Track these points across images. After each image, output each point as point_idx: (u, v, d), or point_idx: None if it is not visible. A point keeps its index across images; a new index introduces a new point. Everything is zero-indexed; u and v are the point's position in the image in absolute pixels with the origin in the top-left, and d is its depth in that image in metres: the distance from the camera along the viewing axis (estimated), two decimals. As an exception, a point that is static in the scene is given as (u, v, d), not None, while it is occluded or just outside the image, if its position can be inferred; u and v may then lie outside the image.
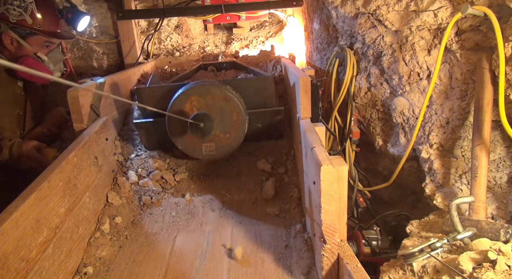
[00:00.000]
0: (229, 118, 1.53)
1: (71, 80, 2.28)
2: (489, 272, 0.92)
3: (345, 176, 1.01)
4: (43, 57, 1.84)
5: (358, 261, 0.97)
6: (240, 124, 1.54)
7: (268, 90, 1.63)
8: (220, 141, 1.55)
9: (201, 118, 1.41)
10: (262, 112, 1.64)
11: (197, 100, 1.50)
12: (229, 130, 1.54)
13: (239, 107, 1.52)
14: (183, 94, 1.51)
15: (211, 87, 1.50)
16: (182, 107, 1.51)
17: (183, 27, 2.81)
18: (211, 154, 1.57)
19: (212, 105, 1.50)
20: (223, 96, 1.50)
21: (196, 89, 1.51)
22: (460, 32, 1.38)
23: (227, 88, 1.53)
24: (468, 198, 1.10)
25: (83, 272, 1.17)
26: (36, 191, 0.99)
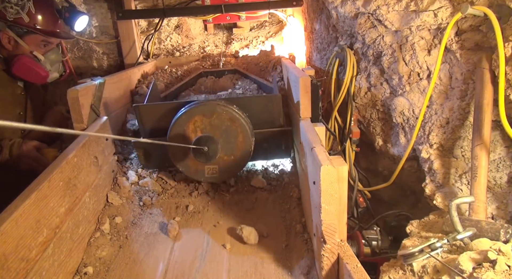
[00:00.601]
0: (234, 140, 1.45)
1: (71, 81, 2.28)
2: (489, 272, 0.92)
3: (345, 176, 1.01)
4: (40, 56, 1.82)
5: (358, 261, 0.97)
6: (245, 147, 1.47)
7: (276, 108, 1.56)
8: (224, 163, 1.49)
9: (205, 141, 1.33)
10: (269, 133, 1.58)
11: (201, 120, 1.42)
12: (234, 153, 1.47)
13: (245, 128, 1.44)
14: (185, 114, 1.42)
15: (216, 107, 1.42)
16: (184, 127, 1.43)
17: (183, 27, 2.81)
18: (214, 177, 1.51)
19: (217, 126, 1.43)
20: (229, 117, 1.42)
21: (200, 109, 1.42)
22: (460, 32, 1.38)
23: (233, 108, 1.45)
24: (468, 198, 1.10)
25: (83, 272, 1.17)
26: (36, 191, 0.99)
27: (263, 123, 1.56)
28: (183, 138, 1.42)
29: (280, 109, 1.56)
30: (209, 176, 1.50)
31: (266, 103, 1.54)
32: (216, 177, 1.50)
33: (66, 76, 2.07)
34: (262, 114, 1.54)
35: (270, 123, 1.57)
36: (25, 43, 1.78)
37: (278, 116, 1.57)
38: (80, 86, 1.49)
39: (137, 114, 1.53)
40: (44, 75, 1.83)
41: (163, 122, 1.50)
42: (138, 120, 1.54)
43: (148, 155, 1.59)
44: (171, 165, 1.55)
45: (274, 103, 1.54)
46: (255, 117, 1.53)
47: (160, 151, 1.53)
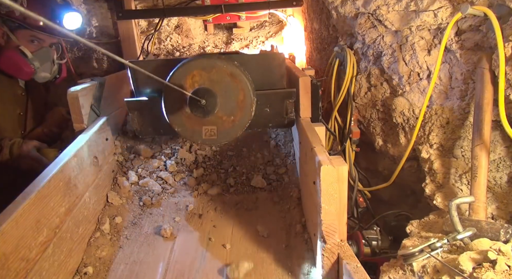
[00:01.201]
0: (234, 98, 1.34)
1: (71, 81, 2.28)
2: (489, 272, 0.92)
3: (345, 176, 1.01)
4: (27, 52, 1.77)
5: (358, 261, 0.97)
6: (246, 106, 1.35)
7: (278, 69, 1.44)
8: (223, 124, 1.37)
9: (203, 94, 1.22)
10: (271, 94, 1.45)
11: (199, 75, 1.31)
12: (234, 113, 1.35)
13: (247, 85, 1.33)
14: (183, 67, 1.32)
15: (216, 61, 1.31)
16: (181, 82, 1.31)
17: (183, 27, 2.81)
18: (212, 139, 1.39)
19: (217, 81, 1.31)
20: (230, 72, 1.31)
21: (199, 63, 1.31)
22: (460, 32, 1.38)
23: (235, 63, 1.34)
24: (468, 198, 1.10)
25: (83, 272, 1.17)
26: (36, 191, 0.99)
27: (265, 84, 1.45)
28: (179, 96, 1.29)
29: (283, 70, 1.46)
30: (207, 137, 1.39)
31: (269, 62, 1.44)
32: (214, 139, 1.39)
33: (61, 79, 2.02)
34: (264, 74, 1.44)
35: (272, 85, 1.46)
36: (16, 38, 1.76)
37: (281, 77, 1.47)
38: (80, 86, 1.49)
39: (131, 73, 1.45)
40: (27, 71, 1.78)
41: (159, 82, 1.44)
42: (132, 79, 1.45)
43: (143, 118, 1.49)
44: (166, 131, 1.48)
45: (277, 62, 1.44)
46: (256, 77, 1.42)
47: (155, 113, 1.44)
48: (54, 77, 1.98)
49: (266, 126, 1.51)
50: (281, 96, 1.45)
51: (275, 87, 1.46)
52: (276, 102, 1.45)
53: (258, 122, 1.45)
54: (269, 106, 1.45)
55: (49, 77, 1.91)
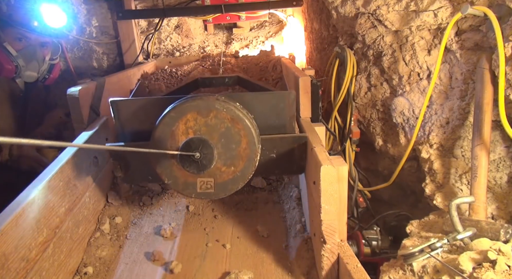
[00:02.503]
0: (235, 146, 1.14)
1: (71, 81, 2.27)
2: (489, 272, 0.92)
3: (345, 176, 1.01)
4: (11, 49, 1.75)
5: (358, 261, 0.97)
6: (250, 155, 1.15)
7: (288, 110, 1.26)
8: (221, 176, 1.16)
9: (197, 145, 1.06)
10: (279, 139, 1.26)
11: (194, 119, 1.11)
12: (235, 163, 1.15)
13: (251, 132, 1.13)
14: (175, 110, 1.10)
15: (215, 103, 1.11)
16: (173, 128, 1.11)
17: (183, 27, 2.81)
18: (208, 193, 1.18)
19: (215, 127, 1.12)
20: (231, 116, 1.11)
21: (194, 105, 1.11)
22: (460, 32, 1.38)
23: (236, 105, 1.16)
24: (468, 198, 1.10)
25: (83, 272, 1.17)
26: (36, 191, 0.99)
27: (272, 128, 1.27)
28: (170, 142, 1.11)
29: (293, 111, 1.27)
30: (202, 191, 1.17)
31: (277, 103, 1.26)
32: (211, 193, 1.18)
33: (52, 79, 1.99)
34: (271, 116, 1.26)
35: (280, 128, 1.28)
36: (3, 35, 1.74)
37: (291, 119, 1.28)
38: (80, 86, 1.49)
39: (114, 113, 1.24)
40: (8, 68, 1.76)
41: (147, 123, 1.19)
42: (116, 120, 1.25)
43: (127, 165, 1.27)
44: (155, 178, 1.26)
45: (287, 103, 1.26)
46: (262, 119, 1.25)
47: (142, 159, 1.22)
48: (44, 77, 1.94)
49: (271, 173, 1.33)
50: (290, 141, 1.26)
51: (283, 131, 1.28)
52: (284, 148, 1.27)
53: (262, 169, 1.25)
54: (276, 152, 1.27)
55: (36, 77, 1.88)
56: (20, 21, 1.76)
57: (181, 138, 1.10)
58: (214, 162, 1.09)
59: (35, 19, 1.80)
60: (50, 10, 1.90)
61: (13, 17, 1.73)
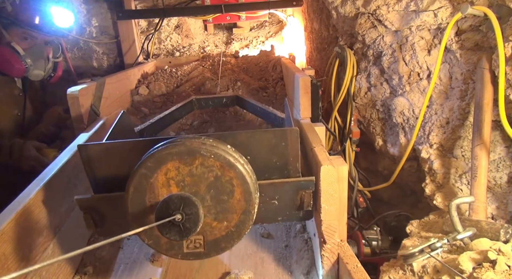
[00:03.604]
0: (228, 197, 0.95)
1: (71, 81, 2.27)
2: (489, 272, 0.92)
3: (345, 176, 1.01)
4: (19, 49, 1.75)
5: (358, 261, 0.97)
6: (245, 208, 0.96)
7: (291, 149, 1.04)
8: (212, 233, 0.97)
9: (177, 205, 0.86)
10: (282, 185, 1.05)
11: (176, 169, 0.93)
12: (228, 217, 0.96)
13: (245, 180, 0.94)
14: (152, 159, 0.92)
15: (200, 148, 0.92)
16: (151, 180, 0.92)
17: (183, 27, 2.81)
18: (197, 252, 0.99)
19: (201, 177, 0.93)
20: (220, 163, 0.92)
21: (174, 152, 0.91)
22: (460, 32, 1.38)
23: (227, 149, 0.95)
24: (468, 198, 1.10)
25: (83, 272, 1.17)
26: (36, 191, 0.99)
27: (272, 170, 1.06)
28: (149, 197, 0.93)
29: (297, 150, 1.05)
30: (190, 251, 0.99)
31: (277, 142, 1.03)
32: (200, 252, 0.99)
33: (57, 77, 2.00)
34: (270, 157, 1.04)
35: (281, 170, 1.06)
36: (8, 34, 1.75)
37: (294, 160, 1.05)
38: (80, 86, 1.49)
39: (84, 159, 1.03)
40: (18, 67, 1.76)
41: (124, 169, 0.99)
42: (86, 167, 1.04)
43: (102, 219, 1.06)
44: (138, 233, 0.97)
45: (289, 141, 1.03)
46: (261, 161, 1.04)
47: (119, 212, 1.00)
48: (49, 76, 1.95)
49: (273, 220, 1.12)
50: (294, 186, 1.05)
51: (285, 173, 1.07)
52: (287, 194, 1.06)
53: (262, 216, 1.07)
54: (278, 199, 1.07)
55: (43, 75, 1.89)
56: (26, 20, 1.76)
57: (161, 191, 0.92)
58: (200, 224, 0.88)
59: (40, 18, 1.81)
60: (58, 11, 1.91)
61: (19, 17, 1.74)
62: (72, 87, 1.47)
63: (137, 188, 0.93)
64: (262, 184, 1.03)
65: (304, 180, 1.05)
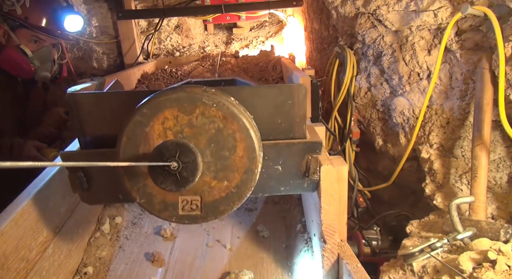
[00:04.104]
0: (229, 153, 0.86)
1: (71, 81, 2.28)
2: (489, 272, 0.92)
3: (345, 176, 1.01)
4: (27, 51, 1.77)
5: (358, 261, 0.97)
6: (248, 166, 0.87)
7: (298, 108, 0.95)
8: (211, 193, 0.88)
9: (173, 152, 0.78)
10: (286, 146, 0.96)
11: (174, 118, 0.84)
12: (229, 176, 0.87)
13: (249, 134, 0.85)
14: (149, 105, 0.83)
15: (202, 96, 0.83)
16: (146, 129, 0.83)
17: (183, 27, 2.81)
18: (193, 215, 0.89)
19: (202, 128, 0.84)
20: (222, 114, 0.83)
21: (173, 98, 0.83)
22: (460, 32, 1.38)
23: (231, 100, 0.87)
24: (468, 198, 1.10)
25: (83, 272, 1.17)
26: (36, 191, 0.99)
27: (277, 132, 0.97)
28: (143, 148, 0.84)
29: (304, 110, 0.97)
30: (186, 213, 0.89)
31: (283, 99, 0.95)
32: (197, 215, 0.89)
33: (62, 78, 2.03)
34: (275, 116, 0.96)
35: (287, 132, 0.97)
36: (17, 37, 1.76)
37: (301, 120, 0.97)
38: (80, 86, 1.49)
39: (73, 108, 0.93)
40: (27, 69, 1.78)
41: (116, 124, 0.88)
42: (74, 118, 0.94)
43: (89, 179, 0.95)
44: (127, 197, 0.93)
45: (296, 99, 0.95)
46: (265, 121, 0.95)
47: (109, 171, 0.92)
48: (55, 77, 1.98)
49: (275, 191, 1.01)
50: (300, 149, 0.96)
51: (291, 135, 0.98)
52: (292, 158, 0.97)
53: (263, 185, 0.98)
54: (282, 164, 0.98)
55: (49, 77, 1.92)
56: (35, 23, 1.78)
57: (157, 142, 0.83)
58: (199, 173, 0.80)
59: (48, 21, 1.83)
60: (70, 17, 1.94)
61: (28, 20, 1.75)
62: (72, 87, 1.46)
63: (130, 138, 0.84)
64: (266, 144, 0.94)
65: (311, 141, 0.97)
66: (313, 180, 0.99)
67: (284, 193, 1.03)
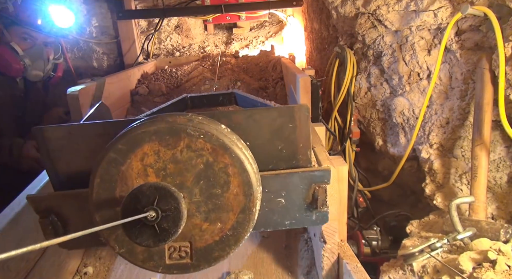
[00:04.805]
0: (222, 191, 0.75)
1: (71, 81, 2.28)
2: (489, 272, 0.92)
3: (345, 176, 1.01)
4: (17, 48, 1.76)
5: (358, 261, 0.97)
6: (244, 204, 0.76)
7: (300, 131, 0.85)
8: (202, 238, 0.76)
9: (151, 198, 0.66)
10: (289, 177, 0.85)
11: (155, 153, 0.72)
12: (222, 217, 0.75)
13: (244, 168, 0.74)
14: (124, 140, 0.72)
15: (186, 126, 0.72)
16: (122, 168, 0.72)
17: (183, 27, 2.81)
18: (183, 264, 0.77)
19: (188, 163, 0.73)
20: (211, 146, 0.72)
21: (153, 131, 0.72)
22: (460, 32, 1.38)
23: (220, 128, 0.76)
24: (468, 198, 1.10)
25: (83, 272, 1.17)
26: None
27: (277, 160, 0.87)
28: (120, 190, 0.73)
29: (308, 133, 0.86)
30: (174, 261, 0.78)
31: (283, 122, 0.84)
32: (187, 264, 0.77)
33: (56, 78, 2.01)
34: (275, 143, 0.85)
35: (289, 159, 0.87)
36: (9, 34, 1.75)
37: (305, 146, 0.86)
38: (80, 86, 1.49)
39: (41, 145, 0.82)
40: (17, 67, 1.77)
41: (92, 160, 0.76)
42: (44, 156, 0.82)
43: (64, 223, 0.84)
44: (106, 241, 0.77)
45: (298, 121, 0.84)
46: (263, 148, 0.85)
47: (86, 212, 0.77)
48: (48, 77, 1.96)
49: (280, 225, 0.90)
50: (305, 179, 0.86)
51: (294, 162, 0.88)
52: (296, 189, 0.87)
53: (266, 220, 0.87)
54: (285, 196, 0.87)
55: (42, 76, 1.90)
56: (27, 21, 1.77)
57: (136, 183, 0.72)
58: (182, 224, 0.67)
59: (40, 18, 1.82)
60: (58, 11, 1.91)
61: (19, 17, 1.75)
62: (72, 87, 1.47)
63: (104, 179, 0.72)
64: (265, 176, 0.84)
65: (318, 169, 0.86)
66: (322, 212, 0.89)
67: (290, 227, 0.91)
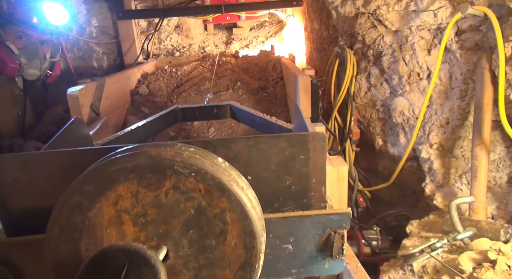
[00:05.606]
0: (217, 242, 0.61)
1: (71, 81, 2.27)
2: (489, 272, 0.92)
3: (345, 176, 1.01)
4: (13, 47, 1.75)
5: (358, 261, 0.97)
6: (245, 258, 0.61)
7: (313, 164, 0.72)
8: None
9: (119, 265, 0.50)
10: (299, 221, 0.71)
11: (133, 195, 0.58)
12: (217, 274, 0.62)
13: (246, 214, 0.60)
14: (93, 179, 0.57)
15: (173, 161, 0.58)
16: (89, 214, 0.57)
17: (183, 27, 2.81)
18: None
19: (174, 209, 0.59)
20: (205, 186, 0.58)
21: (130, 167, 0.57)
22: (460, 32, 1.38)
23: (217, 163, 0.62)
24: (468, 198, 1.10)
25: (83, 272, 1.16)
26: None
27: (285, 199, 0.73)
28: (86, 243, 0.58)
29: (323, 166, 0.74)
30: None
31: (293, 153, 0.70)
32: None
33: (53, 77, 1.99)
34: (282, 177, 0.72)
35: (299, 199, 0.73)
36: (4, 33, 1.74)
37: (319, 182, 0.74)
38: (80, 86, 1.49)
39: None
40: (12, 66, 1.75)
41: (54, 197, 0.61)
42: None
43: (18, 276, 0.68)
44: None
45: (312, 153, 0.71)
46: (268, 184, 0.71)
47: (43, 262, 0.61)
48: (45, 75, 1.95)
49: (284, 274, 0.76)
50: (319, 223, 0.72)
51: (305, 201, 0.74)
52: (307, 235, 0.73)
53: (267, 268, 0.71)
54: (294, 242, 0.73)
55: (38, 75, 1.88)
56: (21, 19, 1.76)
57: (107, 234, 0.58)
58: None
59: (35, 16, 1.81)
60: (52, 8, 1.89)
61: (14, 15, 1.74)
62: (72, 87, 1.46)
63: (66, 229, 0.57)
64: (271, 219, 0.70)
65: (335, 212, 0.71)
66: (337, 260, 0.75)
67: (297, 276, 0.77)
